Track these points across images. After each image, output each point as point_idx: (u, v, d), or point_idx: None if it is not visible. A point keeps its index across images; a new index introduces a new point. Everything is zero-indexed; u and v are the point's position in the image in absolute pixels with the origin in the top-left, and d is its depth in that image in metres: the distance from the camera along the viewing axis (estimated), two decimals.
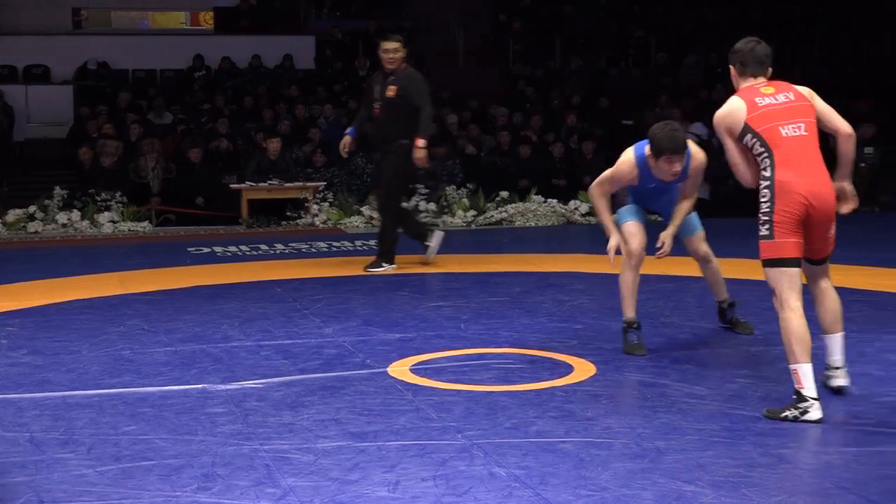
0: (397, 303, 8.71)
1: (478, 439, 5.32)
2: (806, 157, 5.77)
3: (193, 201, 14.88)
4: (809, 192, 5.70)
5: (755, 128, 5.81)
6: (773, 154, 5.75)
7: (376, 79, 10.42)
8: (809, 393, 5.56)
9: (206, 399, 6.08)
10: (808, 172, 5.73)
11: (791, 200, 5.67)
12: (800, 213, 5.69)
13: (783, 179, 5.69)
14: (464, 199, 14.10)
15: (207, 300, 8.89)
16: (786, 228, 5.68)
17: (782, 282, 5.71)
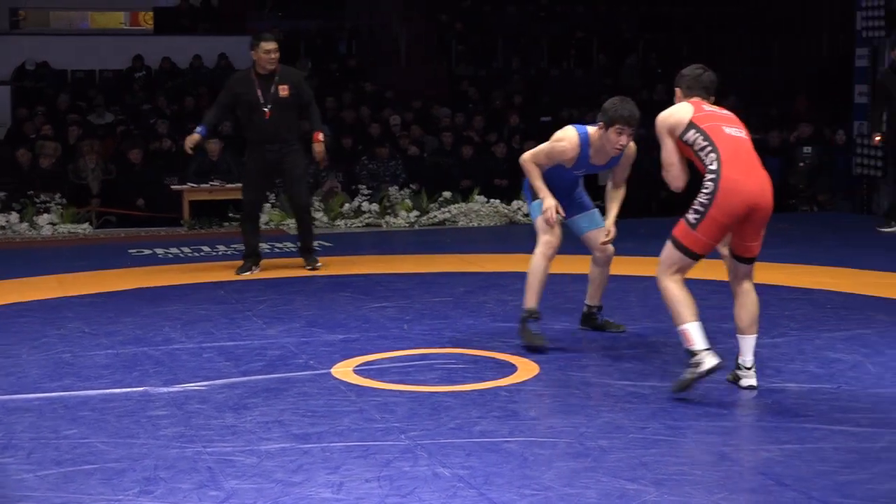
0: (340, 304, 8.69)
1: (421, 440, 5.32)
2: (750, 156, 5.94)
3: (134, 203, 14.77)
4: (754, 192, 5.82)
5: (699, 124, 5.93)
6: (717, 148, 5.87)
7: (250, 81, 10.01)
8: (699, 346, 5.81)
9: (147, 402, 6.04)
10: (753, 173, 5.87)
11: (734, 202, 5.78)
12: (739, 215, 5.82)
13: (731, 177, 5.80)
14: (406, 200, 14.09)
15: (149, 302, 8.83)
16: (712, 229, 5.83)
17: (677, 264, 5.93)
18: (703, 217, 5.82)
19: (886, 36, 14.50)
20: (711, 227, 5.82)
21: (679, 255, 5.91)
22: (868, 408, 5.80)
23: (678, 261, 5.92)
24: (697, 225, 5.83)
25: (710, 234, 5.84)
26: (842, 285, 9.10)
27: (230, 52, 20.33)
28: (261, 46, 9.95)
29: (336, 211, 13.93)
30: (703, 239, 5.85)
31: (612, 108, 6.79)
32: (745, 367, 6.13)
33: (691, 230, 5.85)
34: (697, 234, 5.84)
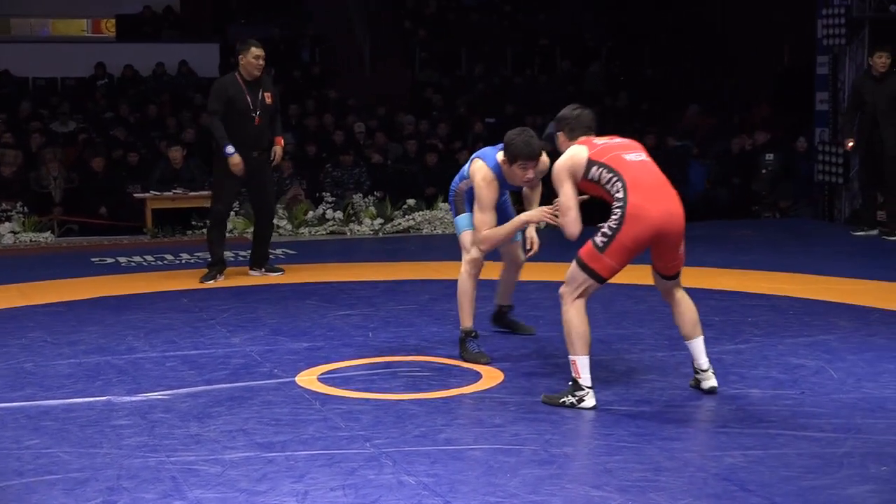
0: (305, 311, 8.67)
1: (386, 448, 5.32)
2: (654, 179, 6.01)
3: (96, 211, 14.69)
4: (661, 215, 5.89)
5: (599, 159, 6.00)
6: (622, 176, 5.94)
7: (239, 87, 9.98)
8: (586, 382, 5.90)
9: (110, 411, 6.01)
10: (659, 196, 5.94)
11: (640, 229, 5.85)
12: (647, 240, 5.89)
13: (636, 203, 5.86)
14: (371, 208, 14.07)
15: (112, 311, 8.78)
16: (619, 254, 5.87)
17: (581, 285, 5.94)
18: (611, 241, 5.86)
19: (847, 44, 14.60)
20: (618, 251, 5.86)
21: (584, 276, 5.92)
22: (831, 413, 5.84)
23: (583, 282, 5.93)
24: (605, 249, 5.87)
25: (616, 259, 5.88)
26: (804, 291, 9.15)
27: (193, 60, 20.28)
28: (251, 52, 9.95)
29: (300, 219, 13.89)
30: (610, 263, 5.88)
31: (511, 145, 6.67)
32: (702, 369, 6.18)
33: (598, 253, 5.88)
34: (604, 258, 5.87)
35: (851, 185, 14.74)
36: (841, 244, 12.25)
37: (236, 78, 10.07)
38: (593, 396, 5.90)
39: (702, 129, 18.24)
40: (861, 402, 6.06)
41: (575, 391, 5.91)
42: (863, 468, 5.01)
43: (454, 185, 7.23)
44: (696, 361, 6.20)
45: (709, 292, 9.05)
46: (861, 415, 5.81)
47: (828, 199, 15.05)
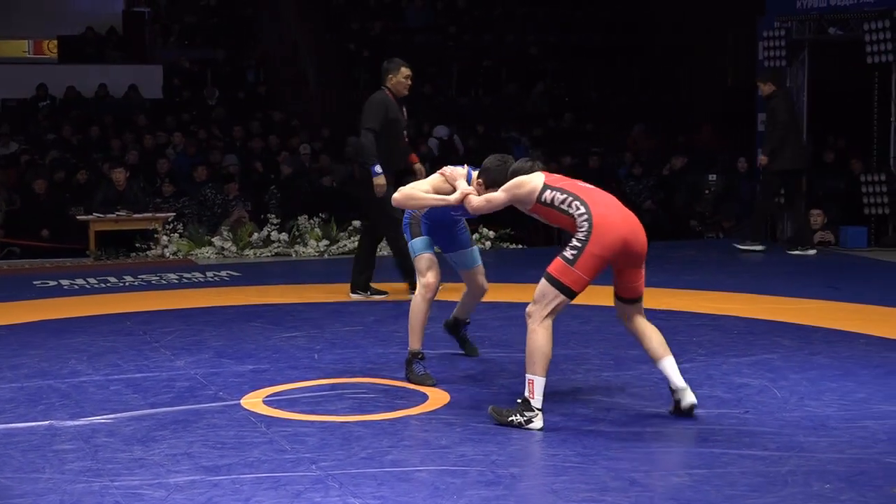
0: (250, 334, 8.63)
1: (332, 470, 5.30)
2: (612, 199, 6.13)
3: (39, 233, 14.56)
4: (628, 225, 5.99)
5: (554, 184, 6.10)
6: (579, 196, 6.03)
7: (392, 106, 9.84)
8: (537, 404, 5.90)
9: (53, 436, 5.94)
10: (620, 211, 6.05)
11: (610, 236, 5.91)
12: (616, 249, 5.94)
13: (601, 214, 5.95)
14: (316, 229, 14.05)
15: (54, 335, 8.69)
16: (590, 265, 5.91)
17: (552, 302, 5.95)
18: (581, 253, 5.89)
19: (788, 65, 14.77)
20: (589, 262, 5.89)
21: (555, 291, 5.93)
22: (774, 432, 5.88)
23: (552, 298, 5.94)
24: (575, 261, 5.89)
25: (587, 271, 5.90)
26: (747, 311, 9.22)
27: (136, 81, 20.16)
28: (401, 71, 9.83)
29: (245, 240, 13.84)
30: (581, 276, 5.90)
31: (495, 171, 6.56)
32: (680, 387, 6.15)
33: (569, 267, 5.90)
34: (575, 271, 5.89)
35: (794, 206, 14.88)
36: (783, 264, 12.36)
37: (389, 96, 9.87)
38: (541, 419, 5.90)
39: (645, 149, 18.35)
40: (804, 420, 6.11)
41: (525, 411, 5.90)
42: (806, 486, 5.05)
43: (409, 211, 7.19)
44: (671, 382, 6.16)
45: (653, 312, 9.05)
46: (804, 433, 5.86)
47: (770, 220, 15.19)
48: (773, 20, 15.06)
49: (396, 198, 6.89)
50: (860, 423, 6.03)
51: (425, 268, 7.02)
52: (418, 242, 7.09)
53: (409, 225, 7.17)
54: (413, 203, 6.90)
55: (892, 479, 5.14)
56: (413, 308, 7.07)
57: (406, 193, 6.86)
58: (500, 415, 5.98)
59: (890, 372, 7.17)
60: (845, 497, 4.91)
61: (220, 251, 13.74)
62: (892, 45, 13.45)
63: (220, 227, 14.38)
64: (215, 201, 15.17)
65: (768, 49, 14.91)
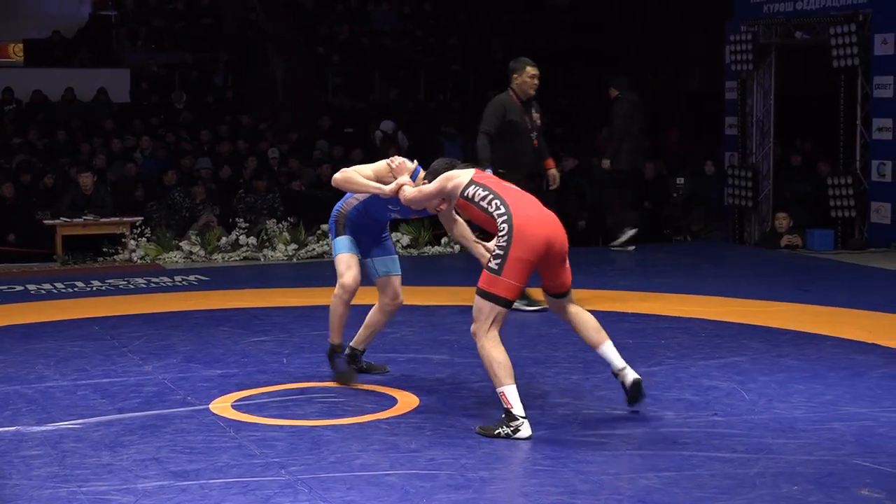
0: (218, 338, 8.60)
1: (302, 474, 5.29)
2: (533, 199, 6.15)
3: (5, 238, 14.46)
4: (548, 224, 5.99)
5: (479, 181, 6.14)
6: (500, 195, 6.05)
7: (517, 107, 9.55)
8: (519, 412, 5.85)
9: (20, 441, 5.91)
10: (542, 214, 6.05)
11: (532, 236, 5.90)
12: (539, 250, 5.92)
13: (521, 215, 5.94)
14: (284, 233, 14.02)
15: (20, 340, 8.64)
16: (517, 270, 5.89)
17: (489, 315, 5.92)
18: (506, 259, 5.87)
19: (754, 69, 14.86)
20: (515, 267, 5.87)
21: (490, 305, 5.91)
22: (743, 434, 5.90)
23: (489, 312, 5.91)
24: (501, 269, 5.87)
25: (516, 276, 5.88)
26: (716, 314, 9.26)
27: (104, 85, 20.05)
28: (526, 71, 9.56)
29: (213, 245, 13.79)
30: (510, 282, 5.89)
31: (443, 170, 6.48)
32: (619, 368, 6.21)
33: (497, 276, 5.88)
34: (503, 280, 5.88)
35: (760, 208, 14.97)
36: (752, 266, 12.42)
37: (512, 97, 9.62)
38: (528, 426, 5.84)
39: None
40: (772, 422, 6.13)
41: (509, 422, 5.85)
42: (775, 488, 5.07)
43: (337, 207, 7.13)
44: (612, 365, 6.23)
45: (622, 315, 9.13)
46: (772, 435, 5.89)
47: (738, 222, 15.27)
48: (740, 24, 15.14)
49: (336, 178, 6.85)
50: (828, 425, 6.06)
51: (345, 268, 6.96)
52: (341, 241, 7.02)
53: (336, 222, 7.08)
54: (349, 186, 6.85)
55: (859, 480, 5.17)
56: (332, 308, 7.07)
57: (346, 176, 6.83)
58: (488, 431, 5.90)
59: (857, 374, 7.21)
60: (813, 499, 4.93)
61: (189, 255, 13.69)
62: (858, 49, 13.53)
63: (188, 231, 14.32)
64: (183, 205, 15.12)
65: (735, 53, 14.99)
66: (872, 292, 10.45)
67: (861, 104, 13.90)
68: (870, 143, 13.89)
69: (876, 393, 6.75)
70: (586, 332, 6.26)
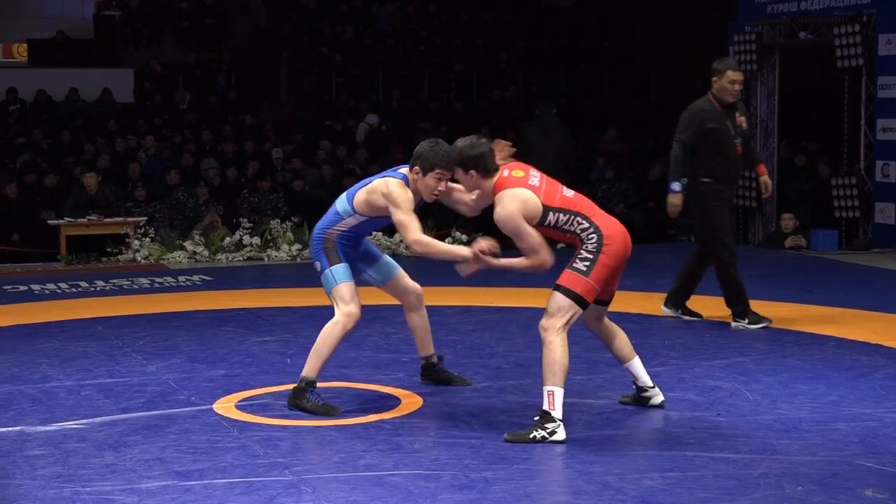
0: (222, 338, 8.60)
1: (305, 475, 5.29)
2: (598, 207, 6.14)
3: (9, 238, 14.47)
4: (626, 233, 6.05)
5: (551, 204, 5.99)
6: (578, 212, 6.01)
7: (717, 113, 8.94)
8: (558, 415, 5.83)
9: (24, 441, 5.91)
10: (613, 219, 6.08)
11: (617, 246, 5.96)
12: (623, 256, 6.01)
13: (606, 224, 5.99)
14: (288, 233, 14.02)
15: (24, 339, 8.65)
16: (603, 275, 5.95)
17: (568, 315, 5.92)
18: (595, 263, 5.91)
19: (758, 69, 14.85)
20: (602, 272, 5.92)
21: (570, 303, 5.90)
22: (747, 434, 5.90)
23: (569, 309, 5.90)
24: (590, 272, 5.90)
25: (600, 281, 5.94)
26: (720, 314, 9.24)
27: (107, 85, 20.07)
28: (727, 76, 8.93)
29: (217, 245, 13.79)
30: (596, 286, 5.94)
31: (430, 153, 6.41)
32: (649, 386, 6.38)
33: (584, 278, 5.90)
34: (590, 282, 5.91)
35: (765, 209, 14.96)
36: (755, 267, 12.39)
37: (712, 103, 9.01)
38: (563, 429, 5.80)
39: (617, 153, 18.40)
40: (776, 423, 6.13)
41: (546, 423, 5.79)
42: (779, 489, 5.07)
43: (322, 229, 6.76)
44: (640, 381, 6.38)
45: (626, 315, 9.12)
46: (776, 436, 5.88)
47: (742, 223, 15.26)
48: (744, 25, 15.13)
49: (416, 250, 6.32)
50: (832, 426, 6.06)
51: (349, 297, 6.61)
52: (339, 270, 6.62)
53: (325, 250, 6.67)
54: (431, 254, 6.37)
55: (863, 481, 5.17)
56: (327, 334, 6.57)
57: (428, 245, 6.32)
58: (520, 437, 5.82)
59: (861, 374, 7.21)
60: (817, 499, 4.93)
61: (192, 255, 13.70)
62: (862, 50, 13.53)
63: (192, 231, 14.33)
64: (187, 205, 15.12)
65: (739, 53, 14.97)
66: (876, 293, 10.44)
67: (865, 104, 13.90)
68: (874, 143, 13.88)
69: (880, 394, 6.75)
70: (621, 345, 6.36)
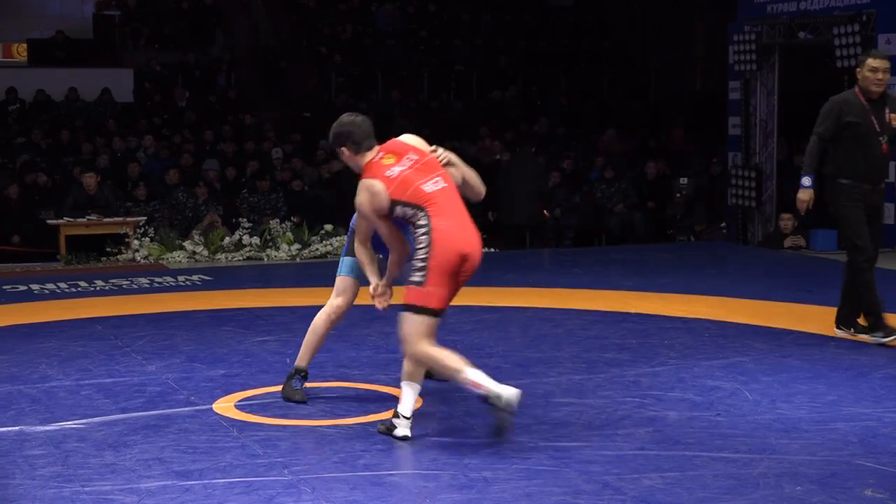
0: (222, 338, 8.60)
1: (305, 474, 5.29)
2: (457, 209, 5.90)
3: (8, 238, 14.47)
4: (466, 245, 5.81)
5: (400, 198, 5.86)
6: (425, 209, 5.82)
7: (861, 107, 8.16)
8: (494, 386, 5.61)
9: (23, 441, 5.91)
10: (463, 226, 5.85)
11: (449, 252, 5.76)
12: (455, 265, 5.79)
13: (442, 229, 5.77)
14: (288, 233, 14.02)
15: (24, 339, 8.64)
16: (439, 279, 5.77)
17: (419, 330, 5.76)
18: (428, 270, 5.75)
19: (758, 69, 14.85)
20: (438, 276, 5.75)
21: (418, 318, 5.76)
22: (746, 434, 5.90)
23: (420, 326, 5.77)
24: (425, 281, 5.75)
25: (441, 284, 5.76)
26: (719, 314, 9.25)
27: (107, 85, 20.07)
28: (866, 64, 8.15)
29: (216, 244, 13.80)
30: (436, 291, 5.77)
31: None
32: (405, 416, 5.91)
33: (420, 289, 5.75)
34: (428, 289, 5.75)
35: (764, 209, 14.96)
36: (755, 267, 12.41)
37: (857, 95, 8.23)
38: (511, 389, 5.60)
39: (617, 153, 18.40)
40: (775, 422, 6.13)
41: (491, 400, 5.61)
42: (778, 488, 5.07)
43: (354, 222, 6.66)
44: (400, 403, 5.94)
45: (626, 315, 9.12)
46: (776, 435, 5.88)
47: (741, 222, 15.27)
48: (744, 24, 15.14)
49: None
50: (831, 426, 6.06)
51: (340, 290, 6.72)
52: (345, 262, 6.72)
53: (348, 241, 6.70)
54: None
55: (863, 481, 5.17)
56: (314, 324, 6.76)
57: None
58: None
59: (860, 374, 7.21)
60: (816, 499, 4.93)
61: (192, 255, 13.70)
62: (861, 49, 13.51)
63: (191, 231, 14.33)
64: (187, 205, 15.12)
65: (738, 53, 14.98)
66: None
67: None
68: None
69: (879, 393, 6.75)
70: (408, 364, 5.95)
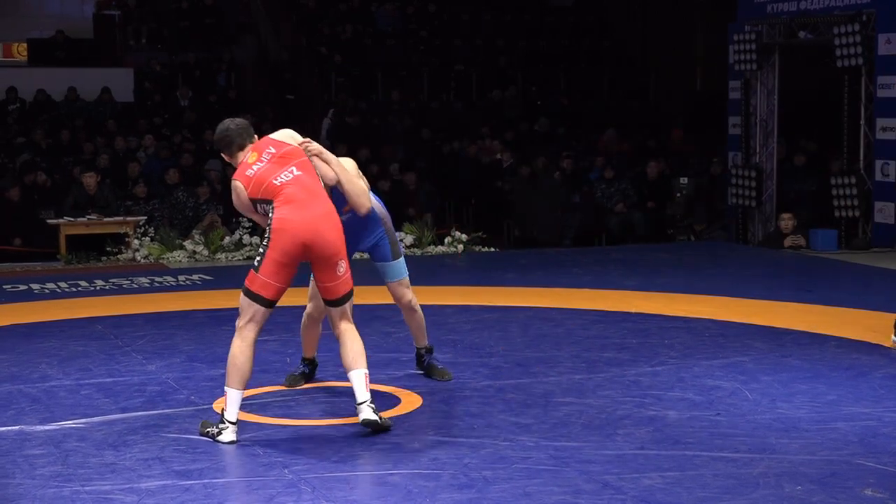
0: (222, 338, 8.57)
1: (305, 474, 5.29)
2: (303, 194, 5.97)
3: (9, 237, 14.46)
4: (303, 227, 5.88)
5: (257, 196, 6.01)
6: (272, 201, 5.95)
7: None
8: (230, 417, 5.83)
9: (23, 441, 5.91)
10: (304, 208, 5.92)
11: (286, 240, 5.86)
12: (294, 253, 5.88)
13: (279, 217, 5.90)
14: None
15: (24, 338, 8.64)
16: (273, 269, 5.89)
17: (248, 312, 5.98)
18: (264, 258, 5.90)
19: (758, 69, 14.85)
20: (271, 267, 5.88)
21: (248, 301, 5.96)
22: (746, 434, 5.90)
23: (248, 308, 5.96)
24: (259, 267, 5.91)
25: (273, 276, 5.88)
26: (719, 314, 9.25)
27: (107, 85, 20.07)
28: None
29: (216, 244, 13.79)
30: (267, 281, 5.89)
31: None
32: (359, 401, 5.94)
33: (255, 273, 5.93)
34: (260, 277, 5.90)
35: (764, 208, 14.97)
36: (755, 266, 12.40)
37: None
38: (233, 432, 5.80)
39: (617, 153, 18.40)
40: (776, 422, 6.13)
41: (220, 423, 5.87)
42: (778, 488, 5.07)
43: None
44: (355, 394, 5.98)
45: (625, 315, 9.12)
46: (776, 435, 5.88)
47: (741, 222, 15.27)
48: (744, 24, 15.14)
49: None
50: (831, 425, 6.06)
51: (310, 295, 6.99)
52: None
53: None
54: None
55: (862, 480, 5.17)
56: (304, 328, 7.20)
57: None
58: (203, 426, 5.95)
59: (860, 374, 7.21)
60: (816, 499, 4.93)
61: (192, 255, 13.69)
62: (862, 49, 13.53)
63: (192, 230, 14.32)
64: (187, 205, 15.12)
65: (738, 53, 14.98)
66: (876, 292, 10.43)
67: (865, 104, 13.89)
68: (874, 142, 13.88)
69: (879, 393, 6.75)
70: (347, 353, 6.07)
